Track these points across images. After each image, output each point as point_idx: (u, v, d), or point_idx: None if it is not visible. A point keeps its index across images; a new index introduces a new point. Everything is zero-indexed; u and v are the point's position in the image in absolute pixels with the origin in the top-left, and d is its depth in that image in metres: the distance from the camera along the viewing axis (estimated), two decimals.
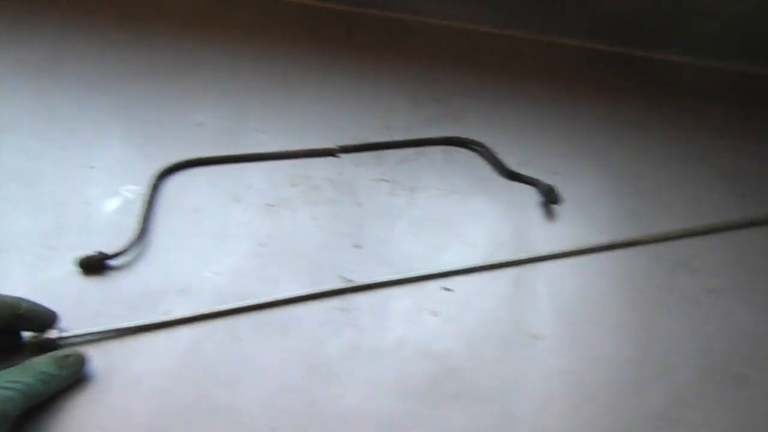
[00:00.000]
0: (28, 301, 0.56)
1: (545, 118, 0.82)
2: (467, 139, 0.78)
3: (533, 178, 0.75)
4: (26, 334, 0.57)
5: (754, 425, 0.59)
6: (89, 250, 0.63)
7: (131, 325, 0.59)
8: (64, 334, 0.57)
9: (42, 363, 0.53)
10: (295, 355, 0.59)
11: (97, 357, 0.57)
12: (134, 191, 0.69)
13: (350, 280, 0.65)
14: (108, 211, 0.67)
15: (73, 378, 0.55)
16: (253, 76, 0.82)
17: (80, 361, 0.55)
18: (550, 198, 0.73)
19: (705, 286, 0.68)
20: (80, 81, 0.78)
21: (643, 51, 0.93)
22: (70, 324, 0.58)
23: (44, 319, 0.57)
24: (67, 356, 0.54)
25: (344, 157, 0.75)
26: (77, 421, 0.54)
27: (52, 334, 0.57)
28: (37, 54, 0.80)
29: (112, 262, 0.63)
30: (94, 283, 0.62)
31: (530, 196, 0.74)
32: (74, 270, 0.62)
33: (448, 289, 0.65)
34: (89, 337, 0.58)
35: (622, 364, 0.62)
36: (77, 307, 0.59)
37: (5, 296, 0.55)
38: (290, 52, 0.86)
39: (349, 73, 0.84)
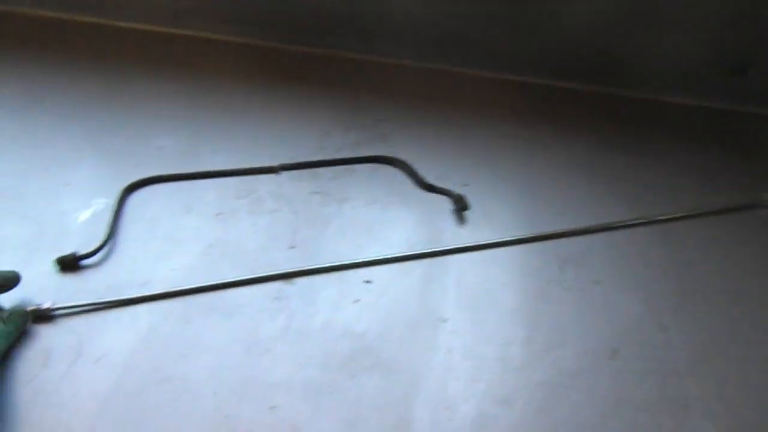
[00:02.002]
0: None
1: (458, 138, 0.95)
2: (390, 157, 0.90)
3: (446, 189, 0.87)
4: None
5: (622, 389, 0.70)
6: (65, 252, 0.74)
7: (106, 300, 0.71)
8: (56, 306, 0.69)
9: None
10: (236, 335, 0.70)
11: (67, 335, 0.68)
12: (104, 203, 0.80)
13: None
14: (81, 221, 0.79)
15: (18, 331, 0.64)
16: (207, 106, 0.93)
17: (21, 315, 0.64)
18: (460, 205, 0.85)
19: (589, 278, 0.80)
20: (59, 112, 0.89)
21: (547, 80, 1.07)
22: None
23: (7, 279, 0.66)
24: (9, 313, 0.63)
25: (284, 174, 0.87)
26: (49, 388, 0.64)
27: (47, 304, 0.68)
28: (21, 89, 0.91)
29: (84, 262, 0.75)
30: (69, 279, 0.73)
31: (443, 205, 0.87)
32: (52, 268, 0.74)
33: (368, 281, 0.77)
34: (74, 309, 0.70)
35: (514, 342, 0.73)
36: (55, 298, 0.70)
37: None
38: (240, 85, 0.98)
39: (290, 103, 0.96)
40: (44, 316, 0.69)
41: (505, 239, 0.83)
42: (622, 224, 0.86)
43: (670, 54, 1.03)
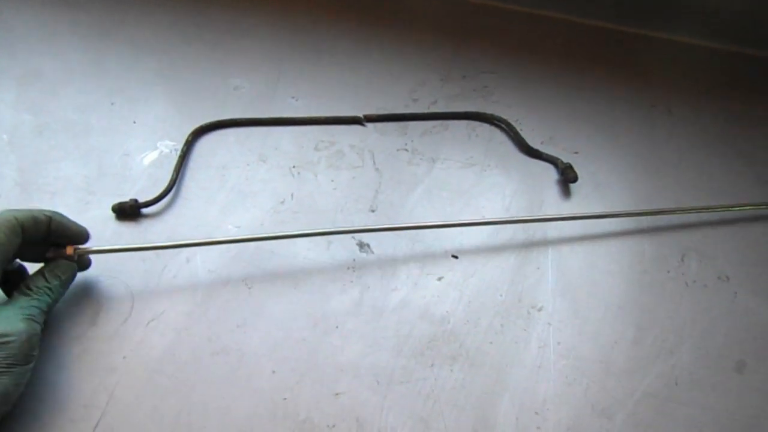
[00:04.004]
0: (60, 218, 0.58)
1: (569, 98, 0.82)
2: (491, 115, 0.79)
3: (552, 156, 0.76)
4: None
5: (747, 410, 0.60)
6: (125, 197, 0.68)
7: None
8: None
9: (34, 279, 0.56)
10: (302, 306, 0.63)
11: (123, 294, 0.62)
12: (170, 146, 0.73)
13: (362, 242, 0.68)
14: (145, 164, 0.72)
15: (63, 286, 0.57)
16: (290, 45, 0.84)
17: (67, 268, 0.58)
18: (567, 176, 0.74)
19: (715, 273, 0.69)
20: (130, 43, 0.82)
21: (666, 34, 0.91)
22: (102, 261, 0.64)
23: (73, 234, 0.59)
24: (54, 267, 0.57)
25: (369, 126, 0.78)
26: (96, 348, 0.59)
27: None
28: (92, 16, 0.84)
29: (144, 210, 0.68)
30: (127, 228, 0.67)
31: (548, 173, 0.76)
32: (110, 214, 0.67)
33: (455, 257, 0.68)
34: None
35: (620, 342, 0.64)
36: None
37: (40, 210, 0.57)
38: (325, 25, 0.88)
39: (381, 47, 0.85)
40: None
41: (617, 219, 0.71)
42: (760, 212, 0.73)
43: None
